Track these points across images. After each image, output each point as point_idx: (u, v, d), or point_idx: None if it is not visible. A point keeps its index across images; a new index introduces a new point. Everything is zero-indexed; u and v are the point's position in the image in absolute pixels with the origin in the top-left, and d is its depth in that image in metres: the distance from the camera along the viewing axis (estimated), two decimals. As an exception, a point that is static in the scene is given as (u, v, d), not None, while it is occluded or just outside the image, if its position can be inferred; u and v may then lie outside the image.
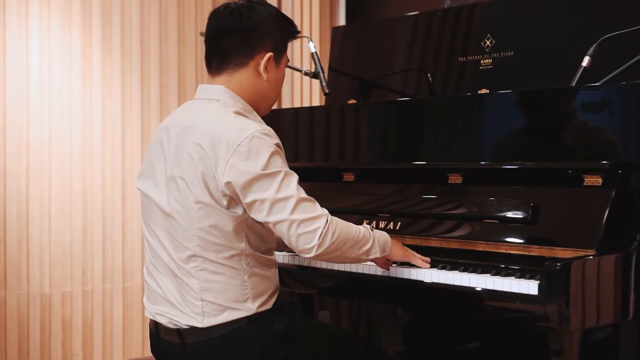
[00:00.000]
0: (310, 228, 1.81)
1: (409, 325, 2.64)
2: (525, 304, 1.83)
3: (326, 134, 2.75)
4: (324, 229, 1.81)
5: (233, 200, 1.82)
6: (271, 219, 1.81)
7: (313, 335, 2.02)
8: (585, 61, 2.21)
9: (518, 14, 2.60)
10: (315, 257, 1.85)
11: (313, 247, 1.81)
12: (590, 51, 2.21)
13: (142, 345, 3.88)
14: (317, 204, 1.85)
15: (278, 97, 2.09)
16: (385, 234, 2.01)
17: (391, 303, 2.33)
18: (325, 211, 1.86)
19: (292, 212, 1.79)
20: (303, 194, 1.83)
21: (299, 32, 2.04)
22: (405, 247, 2.07)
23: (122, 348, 3.84)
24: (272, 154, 1.82)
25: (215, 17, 1.97)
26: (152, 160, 1.96)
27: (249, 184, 1.79)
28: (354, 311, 2.80)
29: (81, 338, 3.72)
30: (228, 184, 1.80)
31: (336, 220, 1.87)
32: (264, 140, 1.82)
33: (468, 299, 1.96)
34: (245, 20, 1.92)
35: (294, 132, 2.83)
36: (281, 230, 1.82)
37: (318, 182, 2.54)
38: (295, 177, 1.84)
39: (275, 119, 2.57)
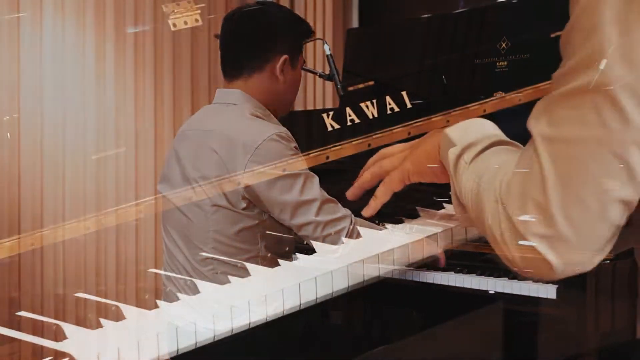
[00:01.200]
0: (335, 229, 1.82)
1: (424, 328, 2.63)
2: (543, 307, 1.82)
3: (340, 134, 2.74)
4: (349, 229, 1.82)
5: (251, 203, 1.82)
6: (296, 221, 1.81)
7: (329, 338, 2.02)
8: (603, 64, 2.20)
9: (534, 15, 2.58)
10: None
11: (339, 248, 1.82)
12: (608, 53, 2.19)
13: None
14: (340, 205, 1.86)
15: (295, 97, 2.09)
16: None
17: (406, 306, 2.32)
18: (348, 211, 1.87)
19: (317, 214, 1.81)
20: (326, 195, 1.84)
21: (312, 32, 2.04)
22: None
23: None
24: (291, 157, 1.82)
25: (228, 22, 1.97)
26: (171, 163, 1.97)
27: (271, 187, 1.79)
28: (369, 314, 2.79)
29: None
30: (248, 187, 1.80)
31: (359, 220, 1.87)
32: (282, 143, 1.82)
33: (485, 302, 1.95)
34: (257, 25, 1.92)
35: (307, 133, 2.82)
36: (306, 232, 1.83)
37: (332, 183, 2.53)
38: (316, 179, 1.85)
39: (289, 120, 2.56)
